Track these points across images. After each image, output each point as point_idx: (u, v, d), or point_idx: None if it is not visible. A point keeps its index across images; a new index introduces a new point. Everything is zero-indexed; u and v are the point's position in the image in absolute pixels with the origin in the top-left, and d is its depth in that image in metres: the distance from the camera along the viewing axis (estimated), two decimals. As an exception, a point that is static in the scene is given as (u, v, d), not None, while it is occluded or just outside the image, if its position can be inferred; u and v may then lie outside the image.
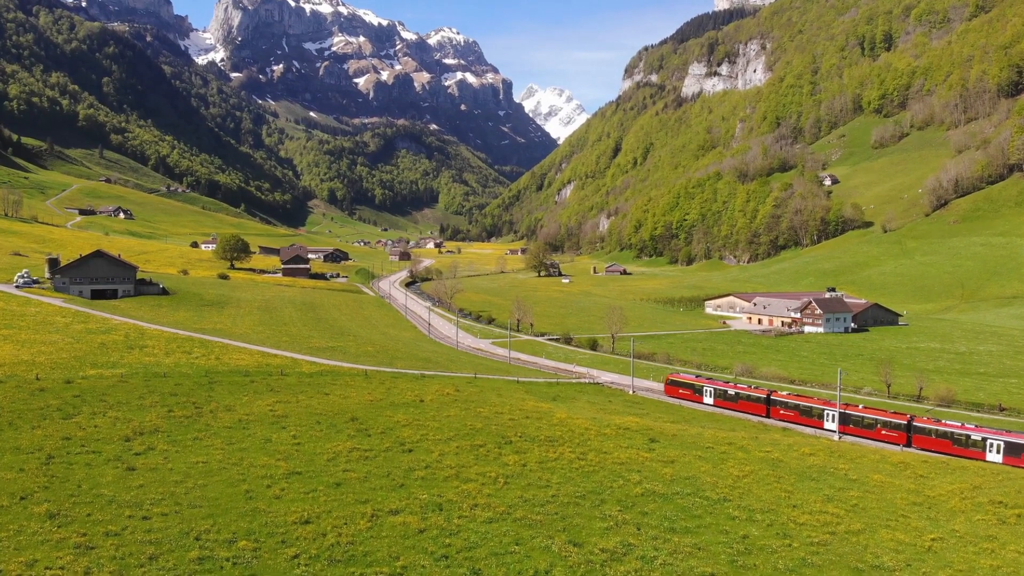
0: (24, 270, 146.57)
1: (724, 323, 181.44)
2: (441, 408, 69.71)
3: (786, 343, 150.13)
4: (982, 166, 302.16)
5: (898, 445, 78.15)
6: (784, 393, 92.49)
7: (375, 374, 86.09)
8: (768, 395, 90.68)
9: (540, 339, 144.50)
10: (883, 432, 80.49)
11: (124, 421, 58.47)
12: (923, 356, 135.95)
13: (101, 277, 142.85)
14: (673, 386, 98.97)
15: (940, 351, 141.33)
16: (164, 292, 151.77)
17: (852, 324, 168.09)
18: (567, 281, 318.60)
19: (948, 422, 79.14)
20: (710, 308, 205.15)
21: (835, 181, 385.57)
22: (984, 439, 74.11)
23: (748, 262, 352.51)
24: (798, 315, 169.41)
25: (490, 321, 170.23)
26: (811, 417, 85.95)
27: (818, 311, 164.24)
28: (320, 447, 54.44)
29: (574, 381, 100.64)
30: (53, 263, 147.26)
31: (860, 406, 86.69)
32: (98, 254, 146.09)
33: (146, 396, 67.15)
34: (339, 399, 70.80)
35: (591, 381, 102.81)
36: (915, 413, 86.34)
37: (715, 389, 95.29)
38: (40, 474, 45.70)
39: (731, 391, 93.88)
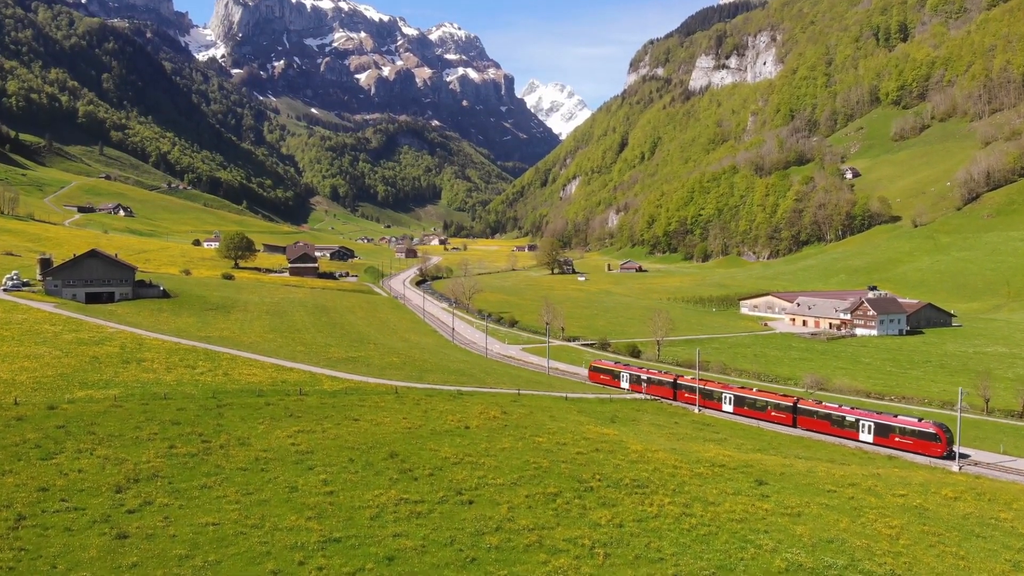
0: (13, 271, 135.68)
1: (765, 324, 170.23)
2: (492, 437, 58.82)
3: (841, 348, 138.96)
4: (1014, 158, 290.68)
5: (786, 425, 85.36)
6: (688, 378, 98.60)
7: (406, 392, 75.15)
8: (675, 380, 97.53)
9: (573, 344, 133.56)
10: (773, 414, 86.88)
11: (116, 462, 47.59)
12: (995, 362, 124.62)
13: (96, 279, 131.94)
14: (595, 372, 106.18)
15: (1010, 356, 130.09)
16: (165, 295, 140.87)
17: (905, 326, 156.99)
18: (583, 279, 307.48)
19: (827, 404, 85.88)
20: (746, 308, 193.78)
21: (856, 174, 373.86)
22: (857, 420, 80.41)
23: (768, 258, 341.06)
24: (848, 316, 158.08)
25: (513, 324, 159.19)
26: (712, 400, 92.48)
27: (871, 312, 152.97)
28: (359, 497, 43.57)
29: (628, 398, 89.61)
30: (45, 264, 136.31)
31: (754, 389, 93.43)
32: (93, 254, 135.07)
33: (143, 425, 56.29)
34: (371, 426, 59.91)
35: (646, 397, 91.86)
36: (801, 396, 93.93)
37: (630, 374, 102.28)
38: (5, 546, 35.02)
39: (643, 376, 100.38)
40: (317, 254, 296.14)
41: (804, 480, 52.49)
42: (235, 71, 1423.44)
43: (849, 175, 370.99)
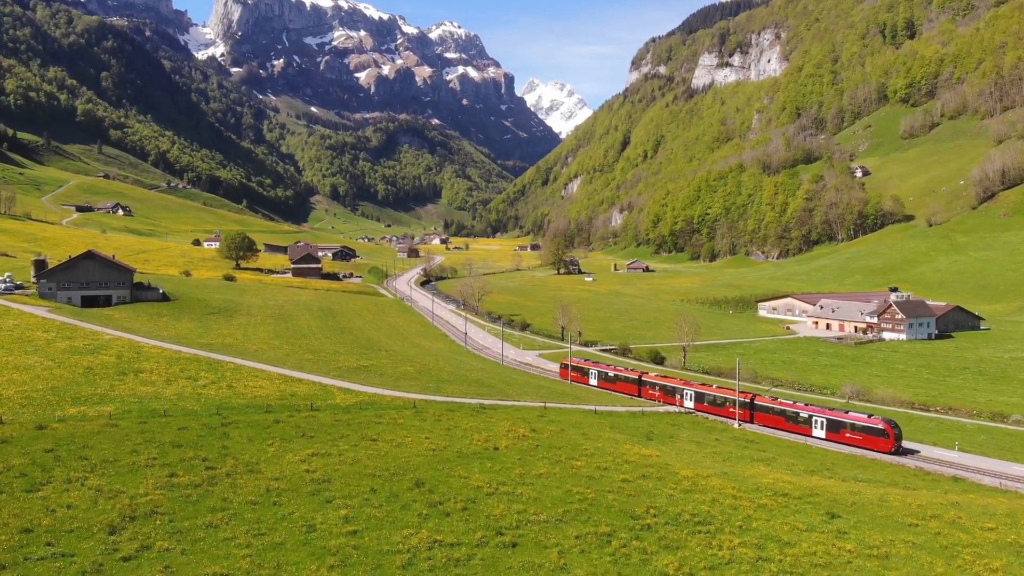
0: (7, 273, 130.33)
1: (787, 328, 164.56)
2: (525, 460, 53.41)
3: (871, 353, 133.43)
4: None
5: (744, 421, 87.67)
6: (652, 374, 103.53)
7: (425, 406, 69.73)
8: (639, 376, 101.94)
9: (591, 349, 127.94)
10: (731, 410, 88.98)
11: (110, 495, 42.19)
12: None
13: (93, 281, 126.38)
14: (567, 369, 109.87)
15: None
16: (165, 298, 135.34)
17: (934, 329, 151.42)
18: (590, 279, 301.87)
19: (782, 400, 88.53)
20: (764, 311, 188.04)
21: (866, 173, 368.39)
22: (810, 416, 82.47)
23: (778, 258, 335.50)
24: (875, 319, 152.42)
25: (524, 327, 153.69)
26: (673, 396, 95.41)
27: (899, 315, 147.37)
28: (386, 539, 38.15)
29: (661, 411, 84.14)
30: (39, 265, 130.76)
31: (714, 386, 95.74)
32: (89, 255, 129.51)
33: (141, 449, 50.89)
34: (391, 447, 54.48)
35: (680, 409, 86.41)
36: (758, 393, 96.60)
37: (598, 371, 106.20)
38: (-23, 607, 29.75)
39: (613, 373, 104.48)
40: (319, 254, 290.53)
41: (879, 512, 47.06)
42: (234, 70, 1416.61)
43: (859, 173, 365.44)
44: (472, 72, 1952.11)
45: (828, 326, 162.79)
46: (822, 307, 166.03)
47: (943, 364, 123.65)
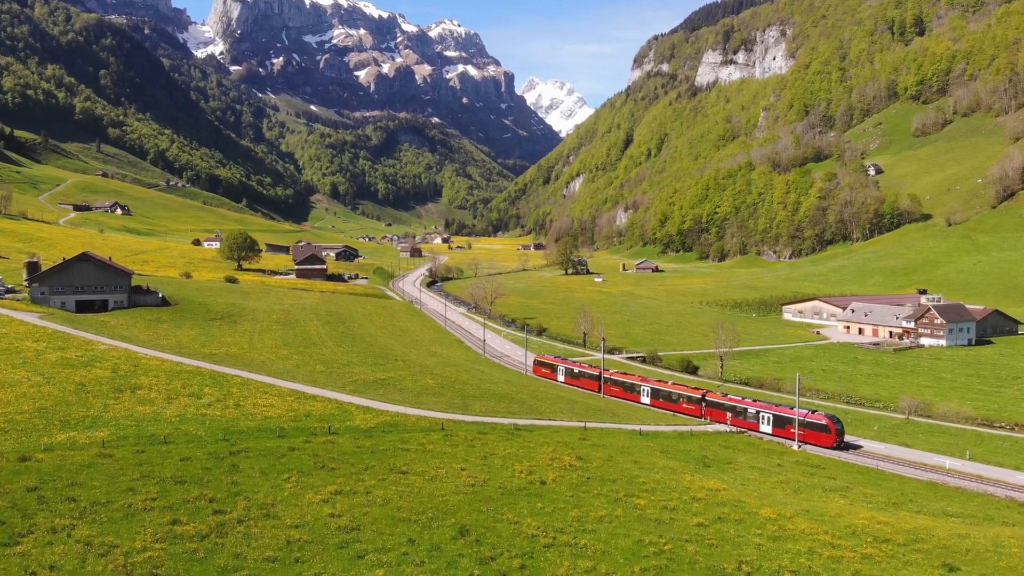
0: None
1: (817, 333, 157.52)
2: (579, 499, 46.61)
3: (913, 361, 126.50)
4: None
5: (695, 416, 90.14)
6: (613, 371, 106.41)
7: (454, 427, 62.90)
8: (599, 373, 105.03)
9: (616, 357, 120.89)
10: (685, 405, 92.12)
11: (100, 551, 35.47)
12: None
13: (88, 285, 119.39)
14: (540, 366, 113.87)
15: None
16: (164, 302, 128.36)
17: (973, 335, 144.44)
18: (600, 280, 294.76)
19: (732, 396, 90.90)
20: (789, 314, 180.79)
21: (879, 171, 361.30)
22: (758, 412, 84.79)
23: (791, 258, 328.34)
24: (911, 324, 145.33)
25: (541, 332, 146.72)
26: (633, 393, 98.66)
27: (938, 320, 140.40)
28: (436, 610, 31.39)
29: (710, 430, 77.30)
30: (32, 268, 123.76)
31: (669, 382, 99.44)
32: (84, 257, 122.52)
33: (138, 486, 44.13)
34: (424, 482, 47.64)
35: (732, 429, 79.48)
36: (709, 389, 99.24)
37: (565, 368, 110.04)
38: None
39: (578, 370, 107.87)
40: (323, 255, 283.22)
41: (1000, 561, 40.29)
42: (234, 68, 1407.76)
43: (872, 171, 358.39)
44: (472, 70, 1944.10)
45: (861, 331, 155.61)
46: (853, 311, 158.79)
47: (992, 373, 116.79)
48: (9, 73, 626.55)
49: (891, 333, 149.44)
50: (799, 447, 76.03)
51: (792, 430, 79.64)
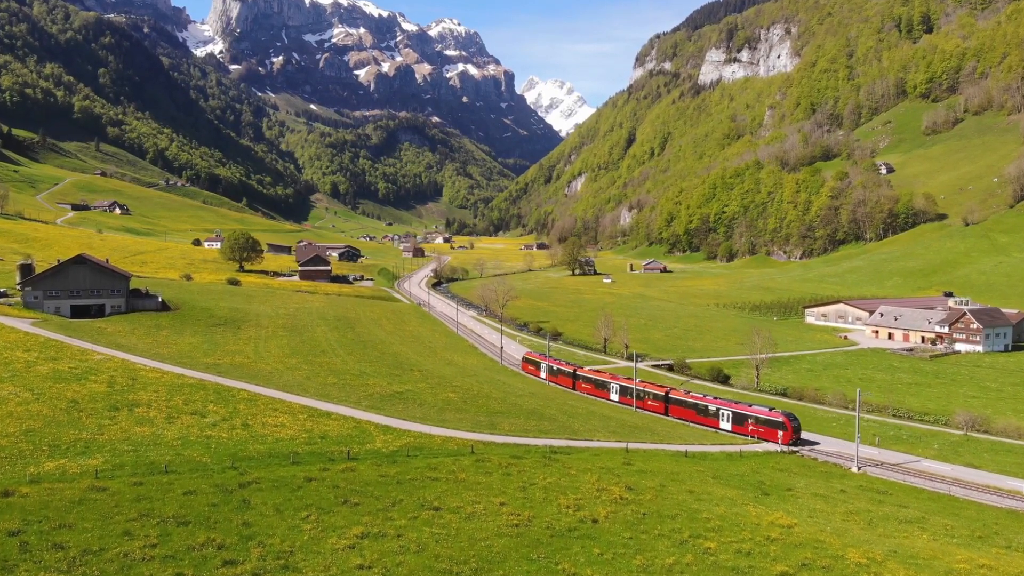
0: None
1: (845, 338, 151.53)
2: (638, 540, 40.83)
3: (952, 368, 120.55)
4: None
5: (659, 413, 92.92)
6: (587, 369, 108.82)
7: (485, 451, 57.08)
8: (574, 371, 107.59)
9: (641, 365, 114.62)
10: (650, 403, 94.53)
11: (89, 620, 29.71)
12: None
13: (84, 289, 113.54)
14: (526, 363, 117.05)
15: None
16: (164, 307, 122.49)
17: (1010, 340, 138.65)
18: (609, 281, 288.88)
19: (694, 394, 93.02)
20: (812, 317, 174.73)
21: (890, 170, 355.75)
22: (718, 410, 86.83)
23: (801, 258, 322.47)
24: (945, 329, 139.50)
25: (556, 336, 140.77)
26: (604, 390, 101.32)
27: (974, 325, 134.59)
28: None
29: (759, 449, 71.43)
30: (25, 270, 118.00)
31: (637, 380, 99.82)
32: (80, 260, 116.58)
33: (136, 529, 38.32)
34: (461, 521, 41.83)
35: (783, 449, 73.49)
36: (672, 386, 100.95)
37: (548, 365, 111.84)
38: None
39: (556, 367, 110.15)
40: (326, 255, 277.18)
41: None
42: (233, 67, 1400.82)
43: (883, 170, 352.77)
44: (472, 70, 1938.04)
45: (891, 336, 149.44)
46: (882, 315, 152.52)
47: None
48: (7, 72, 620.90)
49: (923, 338, 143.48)
50: (766, 444, 77.81)
51: (750, 427, 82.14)
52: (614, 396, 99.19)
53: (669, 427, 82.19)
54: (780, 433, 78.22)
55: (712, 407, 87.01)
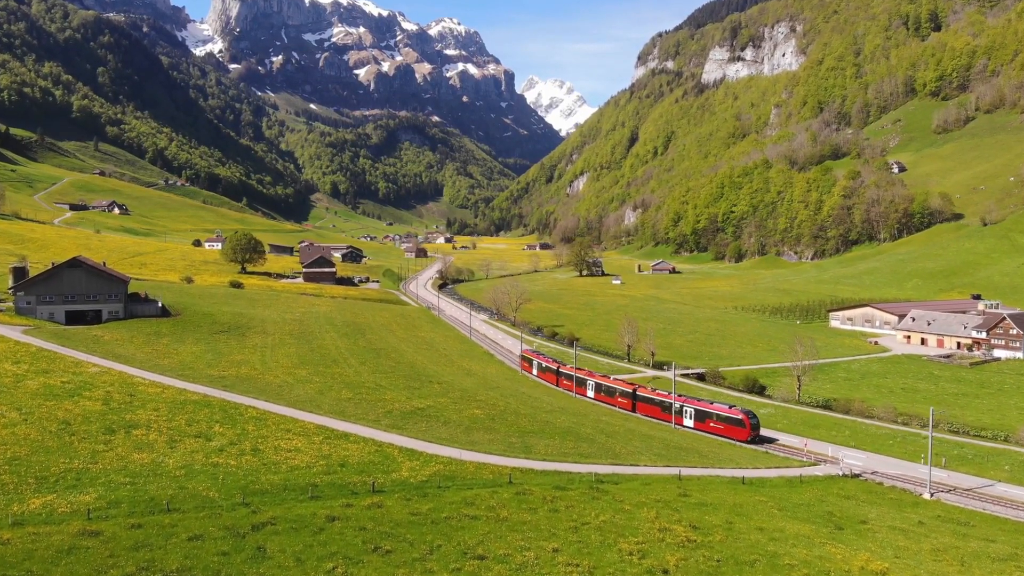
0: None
1: (875, 343, 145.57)
2: (719, 594, 34.91)
3: (996, 376, 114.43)
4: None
5: (627, 409, 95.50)
6: (569, 366, 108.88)
7: (523, 479, 51.15)
8: (557, 368, 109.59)
9: (668, 374, 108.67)
10: (619, 399, 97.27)
11: None
12: None
13: (79, 294, 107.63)
14: (523, 360, 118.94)
15: None
16: (164, 312, 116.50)
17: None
18: (618, 282, 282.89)
19: (659, 391, 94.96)
20: (837, 321, 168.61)
21: (902, 169, 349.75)
22: (682, 407, 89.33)
23: (813, 258, 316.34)
24: (982, 335, 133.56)
25: (572, 342, 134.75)
26: (581, 386, 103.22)
27: (1014, 330, 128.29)
28: None
29: (819, 474, 65.37)
30: (18, 274, 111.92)
31: (611, 377, 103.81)
32: (76, 263, 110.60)
33: (133, 589, 32.44)
34: (512, 573, 35.88)
35: (844, 472, 67.36)
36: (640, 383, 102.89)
37: (538, 363, 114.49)
38: None
39: (544, 364, 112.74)
40: (330, 256, 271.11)
41: None
42: (233, 66, 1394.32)
43: (895, 169, 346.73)
44: (472, 69, 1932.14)
45: (924, 341, 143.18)
46: (914, 319, 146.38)
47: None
48: (5, 71, 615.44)
49: (959, 344, 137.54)
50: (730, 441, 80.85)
51: (712, 424, 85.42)
52: (590, 392, 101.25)
53: (715, 446, 76.17)
54: (740, 431, 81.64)
55: (676, 404, 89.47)
